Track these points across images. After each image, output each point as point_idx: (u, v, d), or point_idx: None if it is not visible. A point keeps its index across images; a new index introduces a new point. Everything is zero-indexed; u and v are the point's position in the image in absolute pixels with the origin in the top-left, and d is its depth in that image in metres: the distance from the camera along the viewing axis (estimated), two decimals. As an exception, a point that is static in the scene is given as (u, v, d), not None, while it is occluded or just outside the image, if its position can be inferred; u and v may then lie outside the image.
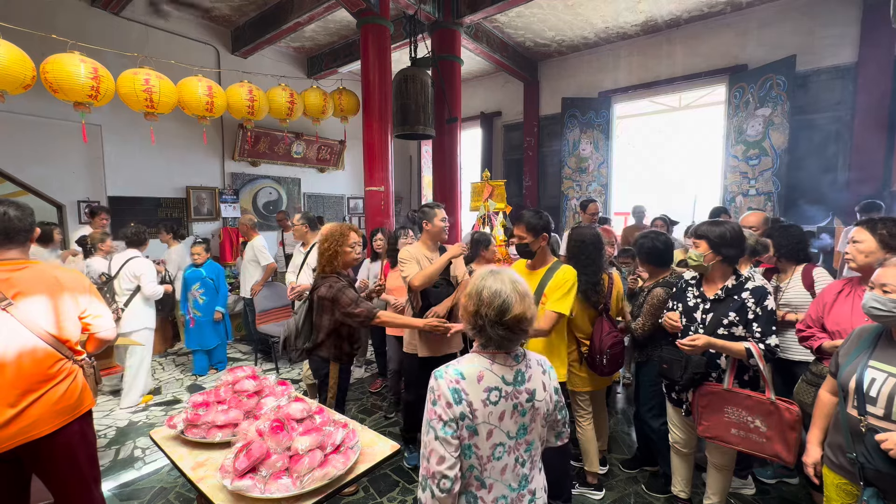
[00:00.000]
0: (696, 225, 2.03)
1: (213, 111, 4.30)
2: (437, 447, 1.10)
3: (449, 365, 1.19)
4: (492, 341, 1.18)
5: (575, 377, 2.42)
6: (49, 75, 3.40)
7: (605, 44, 6.78)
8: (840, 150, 5.07)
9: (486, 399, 1.14)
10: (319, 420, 1.62)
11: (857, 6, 4.89)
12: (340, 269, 2.35)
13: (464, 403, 1.11)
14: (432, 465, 1.09)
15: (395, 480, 2.64)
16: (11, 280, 1.57)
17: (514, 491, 1.20)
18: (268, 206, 7.21)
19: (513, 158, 8.16)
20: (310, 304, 2.37)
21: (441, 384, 1.13)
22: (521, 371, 1.20)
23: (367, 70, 4.66)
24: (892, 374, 1.34)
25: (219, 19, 6.04)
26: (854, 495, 1.45)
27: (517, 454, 1.20)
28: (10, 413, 1.48)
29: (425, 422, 1.15)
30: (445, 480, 1.09)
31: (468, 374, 1.15)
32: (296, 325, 2.38)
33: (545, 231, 2.21)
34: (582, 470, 2.54)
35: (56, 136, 4.97)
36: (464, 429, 1.12)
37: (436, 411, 1.12)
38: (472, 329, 1.20)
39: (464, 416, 1.11)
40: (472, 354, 1.22)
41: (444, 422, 1.10)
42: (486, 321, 1.15)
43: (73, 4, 4.97)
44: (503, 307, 1.14)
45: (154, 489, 2.57)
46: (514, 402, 1.17)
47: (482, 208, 4.65)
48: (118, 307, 3.52)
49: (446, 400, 1.11)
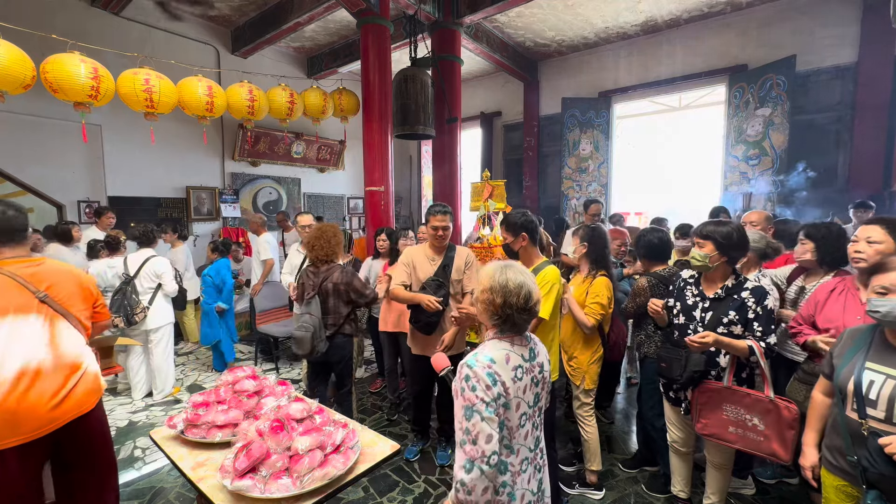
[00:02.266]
0: (700, 225, 2.02)
1: (213, 111, 4.30)
2: (485, 427, 1.19)
3: (476, 353, 1.29)
4: (514, 327, 1.32)
5: (592, 374, 2.43)
6: (49, 75, 3.40)
7: (605, 44, 6.78)
8: (840, 150, 5.07)
9: (514, 376, 1.28)
10: (319, 420, 1.62)
11: (857, 6, 4.89)
12: (335, 260, 2.70)
13: (499, 384, 1.24)
14: (481, 446, 1.18)
15: (395, 480, 2.64)
16: (38, 274, 1.69)
17: (532, 451, 1.37)
18: (268, 206, 7.21)
19: (513, 158, 8.17)
20: (323, 295, 2.63)
21: (478, 370, 1.23)
22: (532, 348, 1.38)
23: (367, 70, 4.66)
24: (890, 377, 1.34)
25: (219, 19, 6.04)
26: (854, 497, 1.45)
27: (534, 420, 1.38)
28: (64, 391, 1.63)
29: (465, 408, 1.22)
30: (494, 456, 1.19)
31: (497, 357, 1.27)
32: (319, 318, 2.59)
33: (524, 230, 2.15)
34: (582, 470, 2.55)
35: (56, 136, 4.97)
36: (500, 406, 1.24)
37: (477, 395, 1.21)
38: (496, 318, 1.32)
39: (500, 396, 1.24)
40: (494, 341, 1.34)
41: (486, 403, 1.21)
42: (515, 309, 1.28)
43: (73, 4, 4.98)
44: (528, 295, 1.29)
45: (154, 489, 2.57)
46: (532, 376, 1.35)
47: (482, 208, 4.64)
48: (144, 306, 3.58)
49: (485, 383, 1.22)
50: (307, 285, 2.68)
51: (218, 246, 4.46)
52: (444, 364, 1.51)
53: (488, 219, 4.59)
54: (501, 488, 1.28)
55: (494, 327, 1.35)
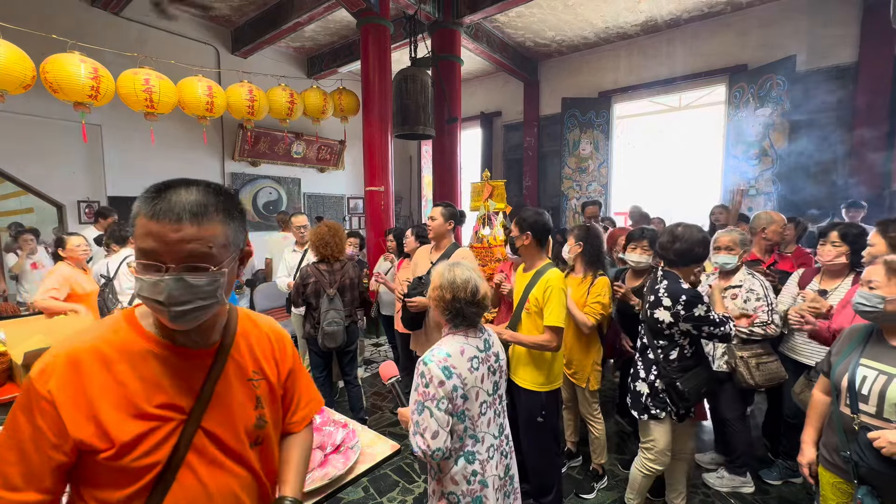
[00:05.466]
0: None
1: (213, 111, 4.30)
2: (432, 423, 1.28)
3: (433, 350, 1.37)
4: (465, 320, 1.41)
5: (596, 376, 2.44)
6: (49, 75, 3.40)
7: (605, 44, 6.78)
8: (840, 149, 5.06)
9: (471, 367, 1.38)
10: (319, 420, 1.62)
11: (857, 6, 4.88)
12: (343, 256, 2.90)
13: (454, 377, 1.31)
14: (428, 440, 1.28)
15: (395, 480, 2.64)
16: None
17: (497, 438, 1.45)
18: (268, 206, 7.21)
19: (513, 158, 8.16)
20: (341, 290, 2.86)
21: (431, 367, 1.31)
22: (486, 339, 1.48)
23: (367, 70, 4.66)
24: (882, 372, 1.35)
25: (219, 19, 6.04)
26: (850, 494, 1.46)
27: (495, 407, 1.48)
28: None
29: (418, 402, 1.31)
30: (438, 452, 1.29)
31: (453, 351, 1.36)
32: (342, 311, 2.83)
33: (530, 230, 2.06)
34: (584, 467, 2.56)
35: (56, 136, 4.97)
36: (458, 398, 1.33)
37: (428, 392, 1.29)
38: (448, 313, 1.41)
39: (456, 388, 1.31)
40: (449, 336, 1.43)
41: (438, 400, 1.28)
42: (464, 303, 1.38)
43: (73, 4, 4.98)
44: (475, 289, 1.40)
45: (154, 489, 2.56)
46: (488, 365, 1.44)
47: (482, 208, 4.64)
48: (124, 306, 3.51)
49: (438, 379, 1.29)
50: (323, 282, 2.78)
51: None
52: (392, 373, 1.51)
53: (488, 219, 4.59)
54: (472, 477, 1.37)
55: (448, 323, 1.44)
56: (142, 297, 0.72)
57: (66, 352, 0.73)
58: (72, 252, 3.02)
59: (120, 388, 0.73)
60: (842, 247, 2.14)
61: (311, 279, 2.82)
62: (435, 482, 1.46)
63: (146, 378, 0.76)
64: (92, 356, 0.74)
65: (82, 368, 0.72)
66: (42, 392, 0.70)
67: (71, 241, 3.04)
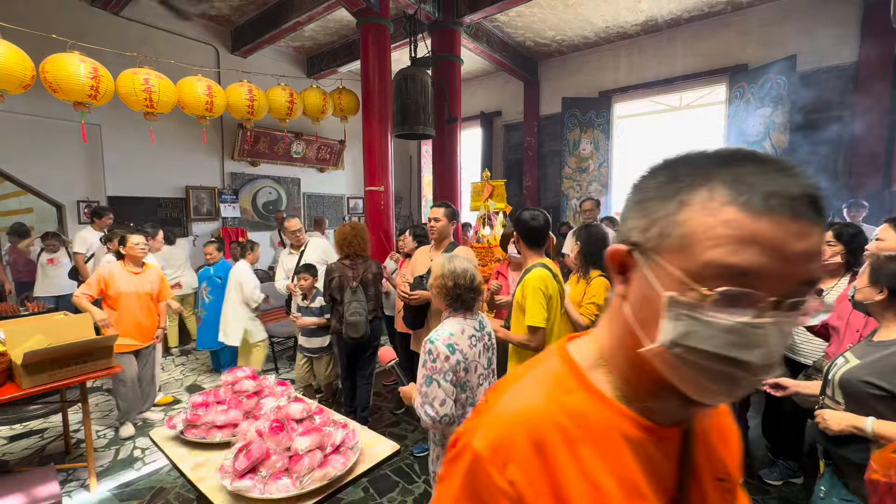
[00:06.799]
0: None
1: (212, 111, 4.29)
2: (440, 393, 1.48)
3: (437, 330, 1.59)
4: (464, 304, 1.65)
5: None
6: (49, 75, 3.40)
7: (605, 43, 6.77)
8: (840, 149, 5.06)
9: (470, 343, 1.61)
10: (319, 420, 1.62)
11: (857, 6, 4.88)
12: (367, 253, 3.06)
13: (457, 352, 1.54)
14: (436, 407, 1.49)
15: (395, 480, 2.64)
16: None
17: None
18: (267, 206, 7.20)
19: (513, 158, 8.16)
20: (364, 284, 2.96)
21: (438, 345, 1.52)
22: (481, 321, 1.72)
23: (367, 70, 4.65)
24: (848, 360, 1.43)
25: (219, 19, 6.04)
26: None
27: (490, 379, 1.71)
28: None
29: (426, 377, 1.51)
30: (446, 417, 1.49)
31: (455, 330, 1.59)
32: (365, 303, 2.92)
33: (517, 230, 2.11)
34: None
35: (56, 136, 4.96)
36: (461, 370, 1.55)
37: (436, 366, 1.50)
38: (449, 298, 1.63)
39: (459, 362, 1.53)
40: (450, 319, 1.66)
41: (444, 372, 1.49)
42: (463, 289, 1.62)
43: (72, 4, 4.97)
44: (472, 277, 1.64)
45: (154, 489, 2.56)
46: (483, 343, 1.69)
47: (482, 208, 4.64)
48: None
49: (444, 355, 1.51)
50: (346, 276, 2.92)
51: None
52: (391, 357, 1.70)
53: (488, 219, 4.59)
54: None
55: (449, 307, 1.66)
56: (694, 351, 0.40)
57: (526, 423, 0.47)
58: (131, 250, 3.08)
59: (593, 492, 0.45)
60: (837, 246, 2.11)
61: (336, 274, 2.92)
62: (439, 447, 1.69)
63: (621, 477, 0.46)
64: (556, 433, 0.47)
65: (547, 452, 0.46)
66: (502, 485, 0.45)
67: (131, 239, 3.09)
